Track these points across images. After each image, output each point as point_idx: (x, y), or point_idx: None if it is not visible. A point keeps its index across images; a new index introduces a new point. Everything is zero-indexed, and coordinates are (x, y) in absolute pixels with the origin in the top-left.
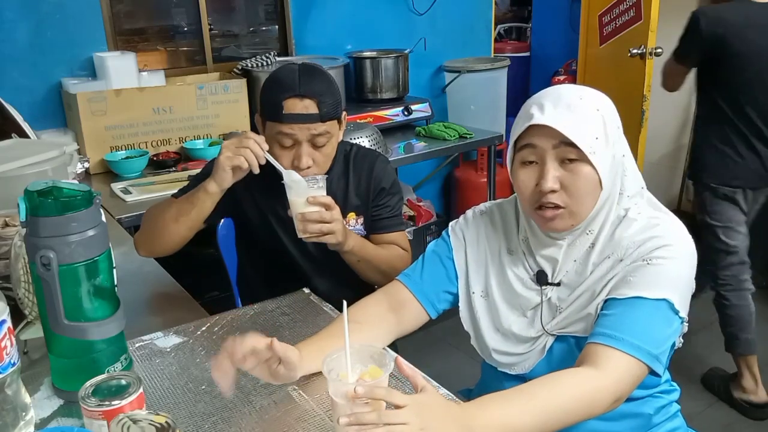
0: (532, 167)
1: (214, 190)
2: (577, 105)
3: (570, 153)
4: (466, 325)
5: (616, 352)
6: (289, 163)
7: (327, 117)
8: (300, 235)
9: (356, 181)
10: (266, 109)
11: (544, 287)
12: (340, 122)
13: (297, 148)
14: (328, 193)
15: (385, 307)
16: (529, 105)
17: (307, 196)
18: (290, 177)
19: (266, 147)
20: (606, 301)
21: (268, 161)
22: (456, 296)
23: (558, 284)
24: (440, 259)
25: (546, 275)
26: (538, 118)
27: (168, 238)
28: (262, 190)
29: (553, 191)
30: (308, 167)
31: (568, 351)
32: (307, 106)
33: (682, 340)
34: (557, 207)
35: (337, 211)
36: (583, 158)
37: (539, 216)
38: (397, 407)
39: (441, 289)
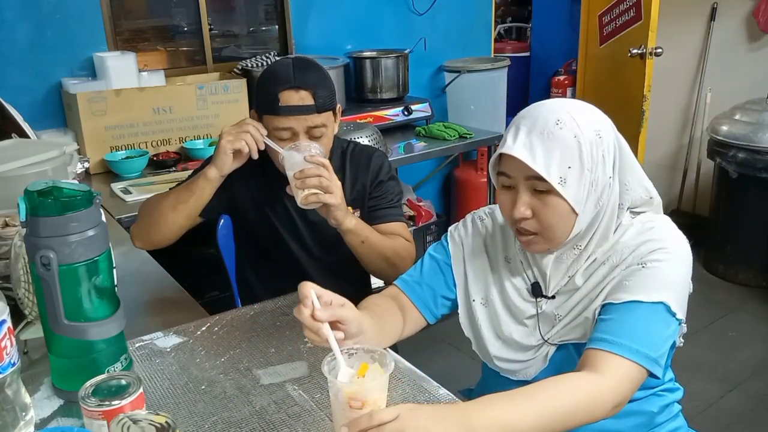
0: (509, 191)
1: (214, 175)
2: (551, 132)
3: (539, 185)
4: (467, 332)
5: (615, 356)
6: None
7: (323, 108)
8: (299, 199)
9: (353, 176)
10: (262, 103)
11: (538, 299)
12: (335, 114)
13: (294, 140)
14: None
15: (395, 306)
16: (511, 124)
17: (302, 159)
18: (288, 153)
19: (265, 132)
20: (603, 305)
21: (267, 146)
22: (454, 302)
23: (552, 297)
24: (439, 265)
25: (540, 288)
26: (509, 147)
27: (165, 228)
28: (260, 187)
29: (525, 218)
30: None
31: (569, 358)
32: (303, 97)
33: (682, 340)
34: (530, 233)
35: (334, 175)
36: (552, 190)
37: (518, 239)
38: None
39: (439, 295)
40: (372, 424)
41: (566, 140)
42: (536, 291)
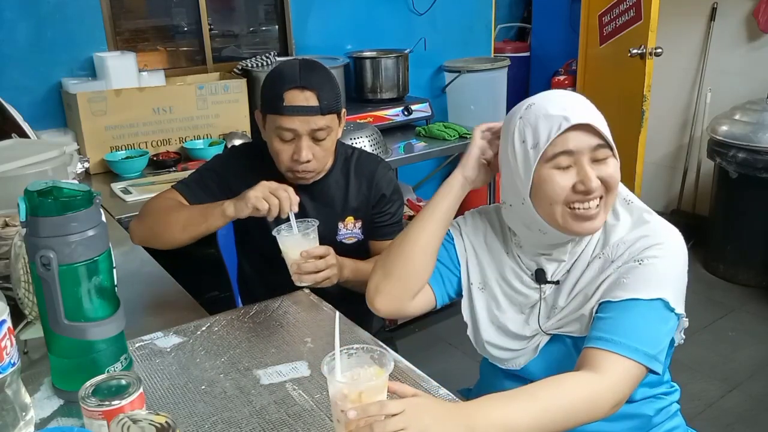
0: (566, 172)
1: (231, 214)
2: (594, 108)
3: (601, 153)
4: (466, 315)
5: (614, 355)
6: (288, 157)
7: (327, 110)
8: (296, 282)
9: (357, 186)
10: (267, 101)
11: (542, 285)
12: (339, 117)
13: (297, 141)
14: (327, 197)
15: None
16: (546, 108)
17: (299, 249)
18: (281, 237)
19: (296, 209)
20: (601, 303)
21: (268, 141)
22: (459, 282)
23: (557, 282)
24: (444, 247)
25: (544, 273)
26: (578, 118)
27: (169, 241)
28: None
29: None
30: (308, 161)
31: (564, 351)
32: (307, 97)
33: (683, 336)
34: (597, 205)
35: (331, 256)
36: (611, 156)
37: (576, 216)
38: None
39: (450, 273)
40: (381, 411)
41: (602, 117)
42: (540, 277)
